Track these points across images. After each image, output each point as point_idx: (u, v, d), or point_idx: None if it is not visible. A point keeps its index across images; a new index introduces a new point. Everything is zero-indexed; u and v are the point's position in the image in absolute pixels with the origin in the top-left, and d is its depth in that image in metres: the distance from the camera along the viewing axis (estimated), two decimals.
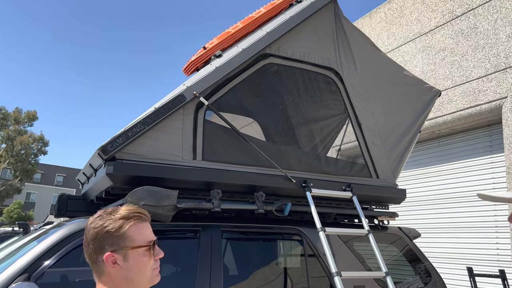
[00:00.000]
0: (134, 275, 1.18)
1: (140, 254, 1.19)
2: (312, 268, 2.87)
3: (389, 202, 3.48)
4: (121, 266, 1.18)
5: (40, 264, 2.16)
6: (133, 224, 1.20)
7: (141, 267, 1.19)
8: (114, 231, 1.18)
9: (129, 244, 1.18)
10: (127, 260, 1.18)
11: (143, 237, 1.21)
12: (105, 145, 2.43)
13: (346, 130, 3.77)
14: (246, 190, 2.90)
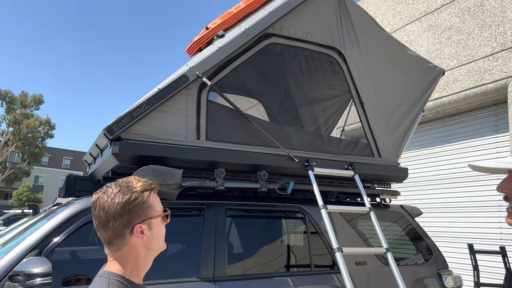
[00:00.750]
0: (154, 243, 1.24)
1: (160, 222, 1.26)
2: (314, 245, 2.94)
3: (391, 180, 3.51)
4: (146, 236, 1.21)
5: (50, 240, 2.23)
6: (153, 195, 1.26)
7: (160, 234, 1.26)
8: (142, 203, 1.20)
9: (152, 214, 1.23)
10: (151, 229, 1.22)
11: (160, 206, 1.27)
12: (110, 125, 2.48)
13: (350, 111, 3.79)
14: (249, 169, 2.94)
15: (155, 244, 1.24)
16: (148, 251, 1.24)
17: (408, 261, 3.23)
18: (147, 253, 1.24)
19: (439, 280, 3.18)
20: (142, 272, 1.26)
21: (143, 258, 1.23)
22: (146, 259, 1.25)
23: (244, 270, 2.67)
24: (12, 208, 22.19)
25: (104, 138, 2.57)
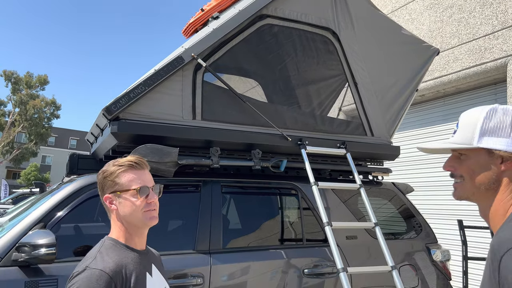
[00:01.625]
0: (126, 216, 1.39)
1: (129, 196, 1.38)
2: (307, 221, 3.06)
3: (383, 158, 3.61)
4: (116, 207, 1.40)
5: (54, 215, 2.37)
6: (123, 171, 1.40)
7: (131, 208, 1.38)
8: (109, 176, 1.40)
9: (119, 188, 1.39)
10: (120, 202, 1.39)
11: (130, 183, 1.39)
12: (109, 105, 2.58)
13: (346, 93, 3.85)
14: (243, 148, 3.05)
15: (129, 216, 1.38)
16: (127, 222, 1.39)
17: (398, 236, 3.36)
18: (127, 223, 1.40)
19: (428, 254, 3.31)
20: (134, 239, 1.41)
21: (126, 226, 1.40)
22: (131, 229, 1.40)
23: (238, 243, 2.81)
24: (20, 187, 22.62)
25: (103, 118, 2.68)
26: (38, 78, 40.95)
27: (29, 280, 2.16)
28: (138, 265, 1.38)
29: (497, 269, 0.93)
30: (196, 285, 2.51)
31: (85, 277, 1.25)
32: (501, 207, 1.06)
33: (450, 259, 3.41)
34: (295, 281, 2.78)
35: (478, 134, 1.08)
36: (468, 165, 1.10)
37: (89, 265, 1.29)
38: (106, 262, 1.30)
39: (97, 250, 1.36)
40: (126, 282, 1.31)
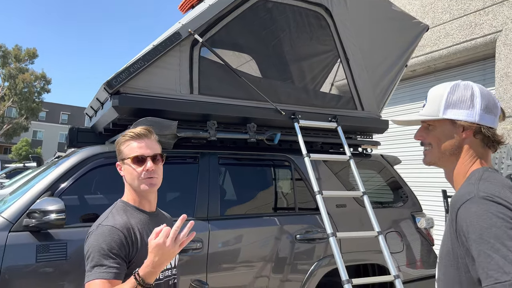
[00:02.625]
0: (130, 182, 1.56)
1: (128, 164, 1.54)
2: (299, 190, 3.24)
3: (372, 132, 3.77)
4: (123, 173, 1.58)
5: (61, 184, 2.51)
6: (125, 140, 1.56)
7: (130, 175, 1.54)
8: (116, 145, 1.60)
9: (122, 156, 1.57)
10: (124, 169, 1.57)
11: (130, 152, 1.54)
12: (110, 80, 2.69)
13: (338, 68, 3.97)
14: (239, 122, 3.18)
15: (130, 182, 1.55)
16: (132, 187, 1.56)
17: (386, 205, 3.55)
18: (132, 189, 1.56)
19: (413, 221, 3.52)
20: (143, 202, 1.57)
21: (133, 191, 1.56)
22: (136, 193, 1.56)
23: (235, 211, 2.98)
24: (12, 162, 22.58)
25: (104, 92, 2.79)
26: (27, 52, 40.23)
27: (40, 244, 2.31)
28: (146, 225, 1.53)
29: (454, 220, 1.09)
30: (196, 249, 2.68)
31: (99, 232, 1.43)
32: (462, 170, 1.23)
33: (434, 226, 3.62)
34: (288, 246, 2.97)
35: (443, 106, 1.24)
36: (435, 134, 1.25)
37: (102, 223, 1.47)
38: (116, 220, 1.47)
39: (110, 211, 1.54)
40: (134, 238, 1.46)
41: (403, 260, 3.39)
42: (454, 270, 1.11)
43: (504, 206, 1.02)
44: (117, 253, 1.39)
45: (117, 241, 1.41)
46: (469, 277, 1.07)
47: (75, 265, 2.36)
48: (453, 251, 1.10)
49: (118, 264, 1.38)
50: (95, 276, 1.34)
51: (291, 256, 2.97)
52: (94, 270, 1.36)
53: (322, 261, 3.07)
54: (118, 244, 1.40)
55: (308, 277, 2.99)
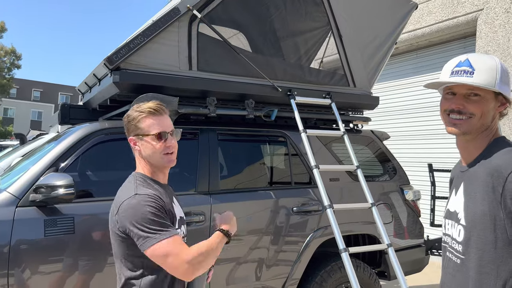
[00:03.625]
0: (149, 156, 1.58)
1: (149, 140, 1.56)
2: (294, 165, 3.34)
3: (364, 108, 3.88)
4: (140, 148, 1.58)
5: (64, 160, 2.52)
6: (144, 116, 1.56)
7: (151, 150, 1.56)
8: (132, 121, 1.58)
9: (140, 132, 1.57)
10: (142, 144, 1.57)
11: (152, 127, 1.56)
12: (110, 55, 2.68)
13: (328, 44, 4.03)
14: (237, 98, 3.23)
15: (149, 158, 1.57)
16: (149, 162, 1.59)
17: (375, 178, 3.70)
18: (148, 163, 1.59)
19: (401, 194, 3.69)
20: (158, 175, 1.61)
21: (149, 165, 1.59)
22: (153, 168, 1.59)
23: (234, 185, 3.06)
24: None
25: (104, 68, 2.77)
26: None
27: (48, 218, 2.34)
28: (166, 195, 1.58)
29: (501, 185, 1.18)
30: (199, 222, 2.76)
31: (138, 199, 1.44)
32: (485, 140, 1.32)
33: (420, 198, 3.81)
34: (285, 217, 3.09)
35: (498, 79, 1.27)
36: (483, 105, 1.28)
37: (138, 192, 1.47)
38: (147, 190, 1.50)
39: (134, 182, 1.55)
40: (164, 206, 1.50)
41: (391, 231, 3.56)
42: (491, 232, 1.19)
43: None
44: (165, 217, 1.46)
45: (160, 207, 1.45)
46: (505, 237, 1.17)
47: (83, 239, 2.41)
48: (491, 214, 1.18)
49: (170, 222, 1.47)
50: (165, 236, 1.39)
51: (288, 227, 3.09)
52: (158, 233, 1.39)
53: (316, 232, 3.21)
54: (161, 210, 1.46)
55: (304, 247, 3.13)
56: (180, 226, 1.61)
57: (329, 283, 3.17)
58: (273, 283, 3.05)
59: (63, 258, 2.34)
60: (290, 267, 3.09)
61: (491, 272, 1.19)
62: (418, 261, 3.71)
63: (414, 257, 3.67)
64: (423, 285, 5.01)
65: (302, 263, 3.13)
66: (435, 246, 3.82)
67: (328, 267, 3.22)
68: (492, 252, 1.19)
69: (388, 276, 3.57)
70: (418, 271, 3.75)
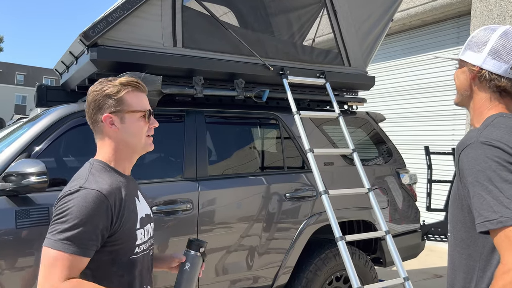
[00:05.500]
0: (130, 138, 1.31)
1: (136, 119, 1.31)
2: (287, 149, 3.16)
3: (359, 88, 3.71)
4: (118, 128, 1.30)
5: (37, 145, 2.31)
6: (130, 91, 1.31)
7: (136, 131, 1.31)
8: (112, 94, 1.29)
9: (126, 108, 1.30)
10: (124, 122, 1.30)
11: (139, 104, 1.32)
12: (86, 30, 2.44)
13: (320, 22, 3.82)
14: (226, 78, 3.02)
15: (129, 139, 1.31)
16: (125, 146, 1.32)
17: (370, 162, 3.55)
18: (124, 147, 1.32)
19: (397, 178, 3.55)
20: (125, 164, 1.35)
21: (121, 150, 1.32)
22: (126, 153, 1.33)
23: (223, 170, 2.88)
24: None
25: (80, 45, 2.54)
26: None
27: (19, 209, 2.14)
28: (128, 189, 1.32)
29: (457, 164, 1.16)
30: (186, 210, 2.58)
31: (81, 196, 1.17)
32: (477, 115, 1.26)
33: (417, 182, 3.68)
34: (278, 204, 2.93)
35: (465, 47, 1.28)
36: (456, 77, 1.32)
37: (84, 185, 1.20)
38: (100, 183, 1.22)
39: (88, 171, 1.27)
40: (120, 205, 1.25)
41: (386, 216, 3.43)
42: (459, 211, 1.18)
43: (502, 150, 1.06)
44: (101, 229, 1.18)
45: (103, 214, 1.18)
46: (472, 217, 1.14)
47: None
48: (458, 193, 1.18)
49: (96, 241, 1.18)
50: (63, 247, 1.13)
51: (281, 214, 2.93)
52: (65, 241, 1.13)
53: (310, 219, 3.06)
54: (103, 218, 1.18)
55: (297, 235, 2.98)
56: (143, 225, 1.35)
57: (323, 271, 3.04)
58: (265, 272, 2.91)
59: (36, 251, 2.15)
60: (283, 256, 2.95)
61: (463, 252, 1.18)
62: (414, 247, 3.60)
63: (410, 242, 3.55)
64: (414, 269, 4.95)
65: (296, 251, 2.98)
66: (431, 231, 3.72)
67: (323, 254, 3.08)
68: (462, 232, 1.18)
69: (384, 262, 3.46)
70: (413, 256, 3.65)
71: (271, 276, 2.93)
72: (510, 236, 0.99)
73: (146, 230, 1.36)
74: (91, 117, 1.32)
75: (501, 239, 1.00)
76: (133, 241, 1.28)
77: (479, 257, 1.14)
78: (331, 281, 3.11)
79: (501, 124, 1.14)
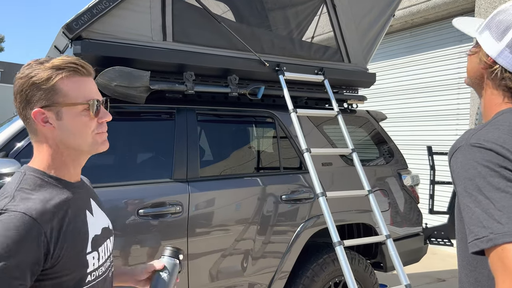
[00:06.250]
0: (71, 138, 1.02)
1: (77, 113, 1.01)
2: (283, 149, 3.02)
3: (359, 86, 3.57)
4: (54, 126, 1.01)
5: (16, 143, 2.17)
6: (65, 77, 0.99)
7: (78, 129, 1.02)
8: (41, 83, 0.98)
9: (62, 100, 1.00)
10: (60, 119, 1.00)
11: (80, 93, 1.01)
12: (69, 22, 2.31)
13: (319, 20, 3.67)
14: (219, 74, 2.88)
15: (75, 141, 1.02)
16: (68, 147, 1.03)
17: (371, 162, 3.41)
18: (67, 149, 1.03)
19: (398, 179, 3.40)
20: (69, 169, 1.06)
21: (62, 153, 1.04)
22: (69, 156, 1.05)
23: (216, 171, 2.74)
24: None
25: (63, 38, 2.41)
26: None
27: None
28: (75, 203, 1.04)
29: (449, 166, 1.01)
30: (175, 213, 2.45)
31: (1, 223, 0.88)
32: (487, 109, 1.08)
33: (419, 184, 3.53)
34: (273, 207, 2.79)
35: (484, 25, 1.07)
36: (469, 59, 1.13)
37: (6, 207, 0.90)
38: (29, 202, 0.93)
39: (15, 186, 0.97)
40: (61, 229, 0.96)
41: (387, 219, 3.29)
42: (462, 225, 1.02)
43: (494, 152, 0.89)
44: (29, 263, 0.89)
45: (31, 244, 0.89)
46: None
47: None
48: (458, 203, 1.03)
49: (22, 279, 0.88)
50: None
51: (277, 217, 2.79)
52: None
53: (307, 222, 2.92)
54: (31, 249, 0.89)
55: (294, 238, 2.84)
56: (97, 247, 1.08)
57: (321, 277, 2.90)
58: (260, 278, 2.77)
59: None
60: (279, 260, 2.81)
61: (470, 275, 1.01)
62: (416, 251, 3.46)
63: (412, 246, 3.41)
64: (416, 273, 4.80)
65: (292, 255, 2.84)
66: (434, 234, 3.57)
67: (320, 259, 2.94)
68: (466, 251, 1.01)
69: (384, 267, 3.32)
70: (416, 261, 3.51)
71: (266, 282, 2.79)
72: (503, 257, 0.80)
73: (101, 251, 1.09)
74: (20, 113, 1.03)
75: (493, 260, 0.83)
76: (83, 269, 1.01)
77: (486, 283, 0.95)
78: (329, 287, 2.97)
79: (504, 122, 0.95)
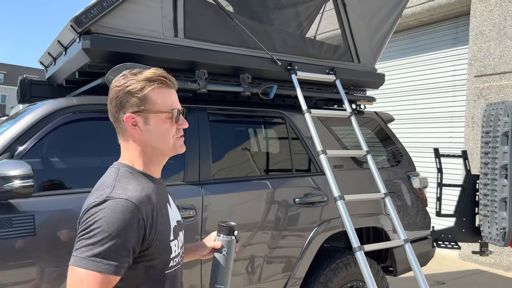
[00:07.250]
0: (155, 141, 1.17)
1: (161, 120, 1.17)
2: (294, 150, 2.93)
3: (368, 86, 3.51)
4: (141, 129, 1.16)
5: (21, 144, 2.02)
6: (156, 88, 1.16)
7: (162, 134, 1.17)
8: (135, 92, 1.14)
9: (150, 108, 1.15)
10: (148, 124, 1.16)
11: (165, 103, 1.17)
12: (78, 15, 2.17)
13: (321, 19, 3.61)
14: (230, 72, 2.78)
15: (159, 143, 1.18)
16: (153, 148, 1.18)
17: (379, 164, 3.35)
18: (152, 149, 1.19)
19: (407, 181, 3.35)
20: (155, 167, 1.22)
21: (148, 153, 1.19)
22: (154, 156, 1.20)
23: (228, 173, 2.63)
24: None
25: (71, 32, 2.26)
26: None
27: (0, 217, 1.85)
28: (159, 195, 1.19)
29: None
30: (189, 217, 2.33)
31: (109, 207, 1.04)
32: None
33: (427, 186, 3.49)
34: (287, 210, 2.69)
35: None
36: None
37: (111, 195, 1.06)
38: (128, 191, 1.09)
39: (114, 178, 1.13)
40: (152, 216, 1.12)
41: None
42: None
43: None
44: (132, 244, 1.05)
45: (134, 226, 1.05)
46: None
47: (46, 242, 1.93)
48: None
49: (127, 257, 1.05)
50: (91, 265, 1.00)
51: (290, 221, 2.70)
52: (94, 258, 1.00)
53: (320, 226, 2.83)
54: (134, 231, 1.05)
55: (307, 243, 2.75)
56: (176, 235, 1.23)
57: (334, 282, 2.81)
58: (272, 285, 2.67)
59: (20, 266, 1.87)
60: (292, 266, 2.71)
61: None
62: (424, 255, 3.41)
63: (421, 250, 3.36)
64: None
65: (305, 261, 2.75)
66: (441, 237, 3.53)
67: (333, 264, 2.85)
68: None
69: (395, 271, 3.25)
70: (423, 265, 3.45)
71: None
72: None
73: (179, 240, 1.25)
74: (113, 115, 1.19)
75: None
76: (168, 254, 1.17)
77: None
78: None
79: None
